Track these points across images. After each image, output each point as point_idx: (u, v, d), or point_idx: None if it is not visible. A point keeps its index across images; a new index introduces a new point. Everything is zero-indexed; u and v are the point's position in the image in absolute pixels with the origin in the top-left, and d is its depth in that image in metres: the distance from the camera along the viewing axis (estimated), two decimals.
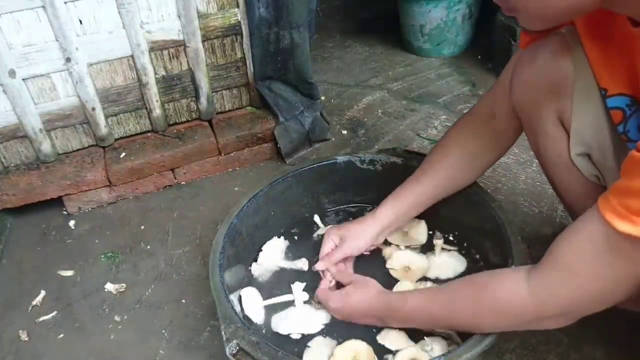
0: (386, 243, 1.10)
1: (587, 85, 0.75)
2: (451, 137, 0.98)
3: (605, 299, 0.65)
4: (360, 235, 1.01)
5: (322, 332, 0.95)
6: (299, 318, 0.98)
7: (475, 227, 1.06)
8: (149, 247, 1.33)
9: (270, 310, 1.02)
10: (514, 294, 0.70)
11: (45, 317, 1.16)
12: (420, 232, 1.13)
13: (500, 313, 0.72)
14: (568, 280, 0.65)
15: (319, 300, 0.98)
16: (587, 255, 0.62)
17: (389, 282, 1.02)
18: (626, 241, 0.57)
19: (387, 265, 1.07)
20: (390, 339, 0.90)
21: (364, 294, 0.89)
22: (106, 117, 1.45)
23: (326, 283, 0.99)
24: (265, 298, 1.03)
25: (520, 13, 0.63)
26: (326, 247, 1.03)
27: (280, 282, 1.08)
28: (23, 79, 1.30)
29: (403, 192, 1.01)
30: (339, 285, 0.98)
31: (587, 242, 0.62)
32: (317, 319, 0.97)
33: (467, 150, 0.96)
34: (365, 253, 1.06)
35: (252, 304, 1.01)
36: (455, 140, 0.97)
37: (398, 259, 1.08)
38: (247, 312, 0.99)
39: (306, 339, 0.95)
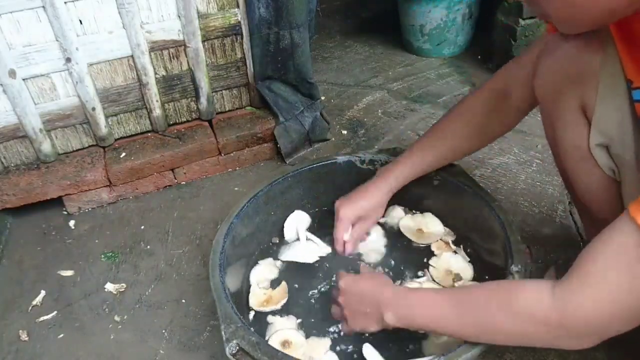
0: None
1: (614, 75, 0.73)
2: (463, 107, 0.99)
3: (630, 312, 0.60)
4: (376, 206, 1.04)
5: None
6: (301, 249, 1.10)
7: (475, 227, 1.06)
8: (149, 247, 1.33)
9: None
10: (536, 303, 0.65)
11: (45, 317, 1.16)
12: (435, 229, 1.13)
13: (518, 321, 0.67)
14: (598, 293, 0.60)
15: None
16: (617, 263, 0.58)
17: None
18: None
19: (431, 262, 1.06)
20: None
21: (373, 279, 0.88)
22: (106, 117, 1.45)
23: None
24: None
25: (553, 18, 0.63)
26: (341, 228, 1.04)
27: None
28: (23, 79, 1.30)
29: (410, 156, 1.03)
30: None
31: (618, 251, 0.59)
32: (314, 253, 1.09)
33: (476, 120, 0.97)
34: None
35: (294, 225, 1.15)
36: (466, 109, 0.99)
37: (445, 260, 1.06)
38: (285, 228, 1.14)
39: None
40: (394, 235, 1.14)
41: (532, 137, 1.51)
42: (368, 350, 0.88)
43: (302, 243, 1.12)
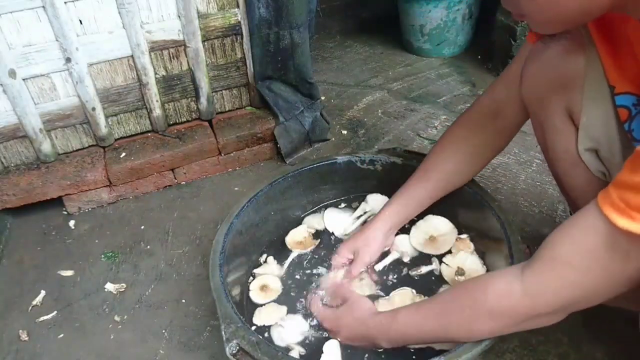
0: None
1: (598, 81, 0.74)
2: (453, 134, 0.98)
3: (596, 294, 0.64)
4: (371, 241, 1.02)
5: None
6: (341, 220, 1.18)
7: (475, 227, 1.06)
8: (149, 247, 1.33)
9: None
10: (507, 295, 0.68)
11: (45, 317, 1.16)
12: (446, 229, 1.10)
13: (495, 316, 0.71)
14: (562, 274, 0.64)
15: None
16: (583, 249, 0.61)
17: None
18: (623, 236, 0.56)
19: (444, 260, 1.04)
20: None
21: (356, 317, 0.88)
22: (106, 117, 1.45)
23: (317, 298, 0.99)
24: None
25: (530, 18, 0.63)
26: (337, 264, 1.04)
27: None
28: (23, 79, 1.30)
29: (407, 192, 1.02)
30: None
31: (583, 236, 0.61)
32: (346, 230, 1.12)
33: (469, 148, 0.96)
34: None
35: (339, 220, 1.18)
36: (457, 137, 0.98)
37: (460, 260, 1.03)
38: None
39: None
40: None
41: (532, 137, 1.50)
42: (330, 347, 0.90)
43: (350, 219, 1.15)
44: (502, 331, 0.73)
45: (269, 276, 1.06)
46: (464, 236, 1.08)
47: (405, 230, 1.11)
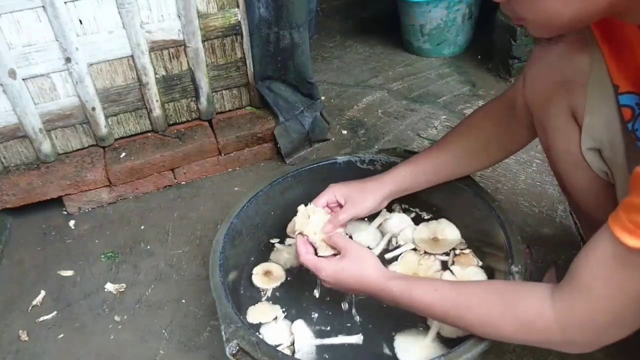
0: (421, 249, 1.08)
1: (602, 80, 0.74)
2: (474, 119, 0.98)
3: (624, 320, 0.63)
4: (369, 196, 0.97)
5: None
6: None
7: (475, 227, 1.06)
8: (149, 247, 1.33)
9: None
10: (539, 312, 0.67)
11: (45, 317, 1.16)
12: (451, 236, 1.09)
13: (522, 327, 0.69)
14: (588, 302, 0.63)
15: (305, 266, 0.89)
16: (600, 273, 0.61)
17: None
18: (636, 256, 0.56)
19: (453, 269, 1.01)
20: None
21: (361, 271, 0.82)
22: (106, 117, 1.45)
23: (309, 248, 0.91)
24: None
25: (528, 22, 0.64)
26: (322, 200, 0.98)
27: None
28: (23, 79, 1.30)
29: (417, 163, 0.99)
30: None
31: (599, 260, 0.61)
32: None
33: (486, 136, 0.96)
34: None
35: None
36: (476, 122, 0.97)
37: (468, 274, 1.01)
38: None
39: None
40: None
41: None
42: (298, 326, 0.91)
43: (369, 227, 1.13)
44: (522, 342, 0.71)
45: (274, 264, 1.08)
46: (467, 251, 1.06)
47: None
